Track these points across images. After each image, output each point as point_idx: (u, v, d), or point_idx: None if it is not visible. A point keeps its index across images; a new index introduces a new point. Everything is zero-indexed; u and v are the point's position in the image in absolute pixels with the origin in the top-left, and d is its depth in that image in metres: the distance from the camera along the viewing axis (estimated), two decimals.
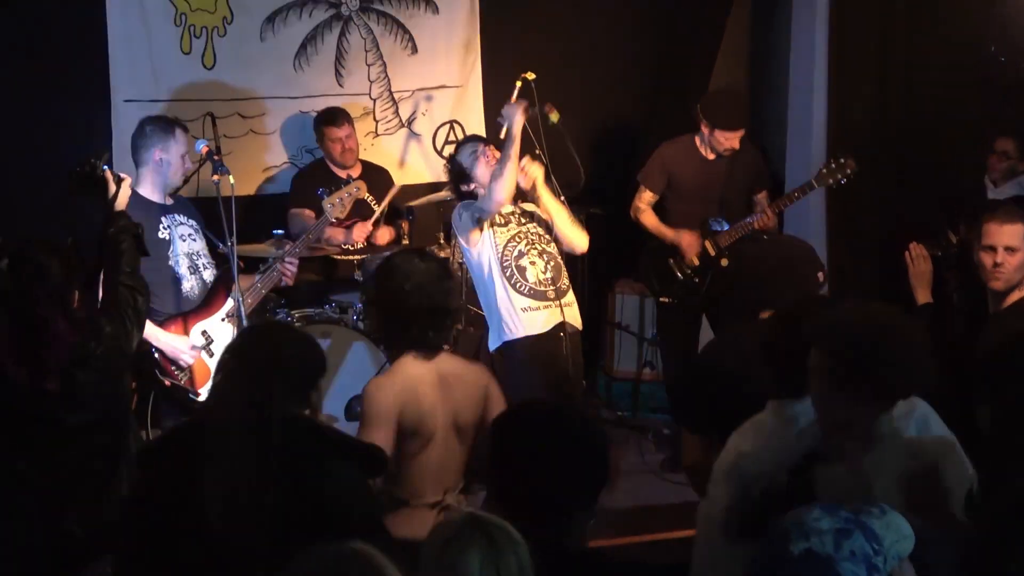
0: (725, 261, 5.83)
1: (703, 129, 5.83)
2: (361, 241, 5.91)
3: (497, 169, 4.95)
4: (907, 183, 6.44)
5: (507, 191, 4.93)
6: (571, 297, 5.10)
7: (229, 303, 4.94)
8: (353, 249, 5.88)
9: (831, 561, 2.08)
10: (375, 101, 6.53)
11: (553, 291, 5.00)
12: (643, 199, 6.00)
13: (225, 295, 4.96)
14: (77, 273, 3.56)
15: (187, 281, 4.95)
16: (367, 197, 5.89)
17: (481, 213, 4.97)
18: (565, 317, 4.99)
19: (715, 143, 5.82)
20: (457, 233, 5.16)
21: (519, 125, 4.95)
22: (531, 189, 5.08)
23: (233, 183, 4.81)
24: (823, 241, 6.60)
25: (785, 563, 2.10)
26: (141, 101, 5.95)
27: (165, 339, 4.79)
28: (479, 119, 6.64)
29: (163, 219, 4.91)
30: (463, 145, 5.39)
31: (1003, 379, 3.13)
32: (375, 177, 6.08)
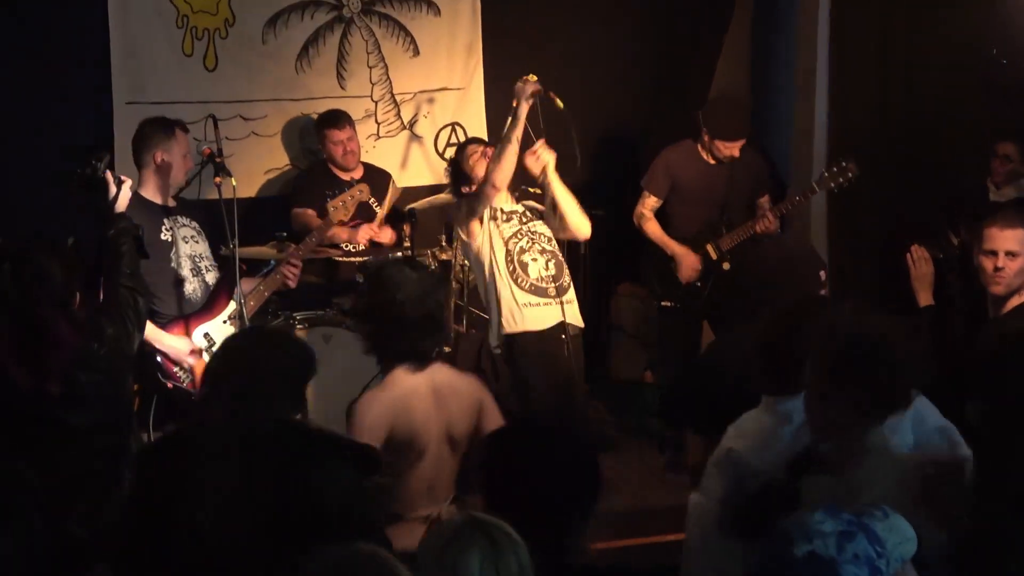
0: (727, 265, 5.85)
1: (704, 136, 5.86)
2: (364, 242, 5.91)
3: (497, 150, 4.94)
4: (908, 184, 6.43)
5: (504, 174, 4.91)
6: (572, 295, 5.11)
7: (231, 305, 4.94)
8: (355, 251, 5.88)
9: (834, 564, 2.08)
10: (377, 103, 6.53)
11: (554, 288, 5.01)
12: (647, 204, 6.01)
13: (227, 297, 4.95)
14: (78, 275, 3.56)
15: (189, 283, 4.95)
16: (370, 200, 5.89)
17: (479, 201, 4.96)
18: (566, 315, 5.00)
19: (715, 151, 5.85)
20: (457, 226, 5.16)
21: (525, 109, 4.90)
22: (541, 174, 5.04)
23: (235, 185, 4.82)
24: (824, 242, 6.60)
25: (788, 565, 2.10)
26: (143, 103, 5.94)
27: (168, 342, 4.79)
28: (481, 121, 6.64)
29: (165, 221, 4.91)
30: (464, 147, 5.39)
31: (1003, 378, 3.12)
32: (377, 179, 6.09)
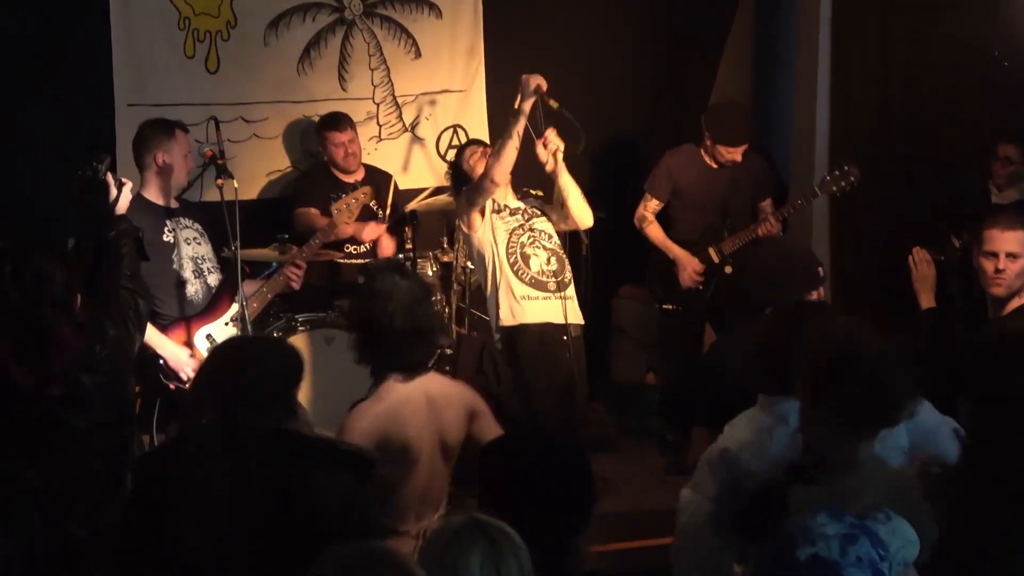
0: (729, 268, 5.85)
1: (706, 140, 5.87)
2: (370, 239, 5.91)
3: (498, 145, 4.94)
4: (910, 186, 6.43)
5: (503, 169, 4.92)
6: (572, 291, 5.13)
7: (234, 307, 4.93)
8: (357, 253, 5.88)
9: (837, 567, 2.08)
10: (378, 105, 6.52)
11: (555, 283, 5.03)
12: (649, 207, 6.01)
13: (230, 299, 4.95)
14: (79, 277, 3.56)
15: (191, 285, 4.94)
16: (372, 204, 5.89)
17: (478, 192, 4.96)
18: (567, 310, 5.01)
19: (718, 155, 5.86)
20: (458, 219, 5.18)
21: (529, 103, 4.89)
22: (550, 161, 5.01)
23: (237, 187, 4.82)
24: (826, 244, 6.60)
25: (791, 568, 2.10)
26: (144, 105, 5.93)
27: (169, 349, 4.76)
28: (482, 123, 6.63)
29: (168, 222, 4.90)
30: (464, 148, 5.39)
31: (1002, 378, 3.11)
32: (379, 181, 6.08)
